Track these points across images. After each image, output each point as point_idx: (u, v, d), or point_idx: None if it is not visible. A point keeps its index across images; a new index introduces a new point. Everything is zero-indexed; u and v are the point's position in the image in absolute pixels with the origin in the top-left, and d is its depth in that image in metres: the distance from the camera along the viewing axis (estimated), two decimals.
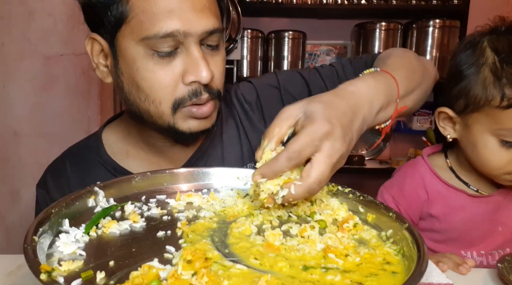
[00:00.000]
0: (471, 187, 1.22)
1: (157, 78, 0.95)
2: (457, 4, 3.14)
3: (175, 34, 0.91)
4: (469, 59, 1.12)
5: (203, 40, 0.96)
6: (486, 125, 1.09)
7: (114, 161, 1.12)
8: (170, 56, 0.95)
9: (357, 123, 0.82)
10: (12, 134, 2.51)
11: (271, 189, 0.74)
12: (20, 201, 2.54)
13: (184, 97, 0.97)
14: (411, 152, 3.45)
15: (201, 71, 0.94)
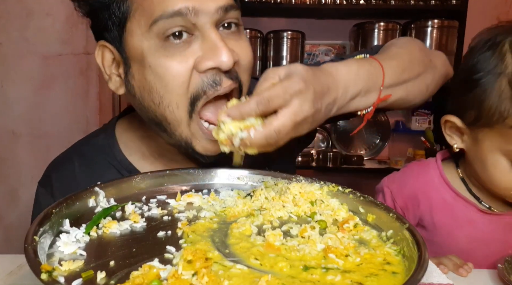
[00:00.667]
0: (483, 203, 1.10)
1: (170, 73, 0.85)
2: (455, 4, 3.14)
3: (184, 11, 0.82)
4: (486, 64, 0.97)
5: (219, 22, 0.86)
6: (497, 144, 0.97)
7: (130, 162, 1.04)
8: (185, 44, 0.85)
9: (327, 99, 0.81)
10: (10, 134, 2.51)
11: (231, 130, 0.73)
12: (18, 200, 2.54)
13: (201, 89, 0.86)
14: (410, 152, 3.46)
15: (220, 55, 0.83)
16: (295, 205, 0.82)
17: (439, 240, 1.12)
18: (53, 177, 1.08)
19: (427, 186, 1.14)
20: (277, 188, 0.90)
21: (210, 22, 0.84)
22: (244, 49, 0.91)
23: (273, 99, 0.72)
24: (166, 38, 0.84)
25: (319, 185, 0.90)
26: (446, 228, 1.11)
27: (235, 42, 0.89)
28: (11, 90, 2.47)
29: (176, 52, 0.85)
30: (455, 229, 1.10)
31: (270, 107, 0.72)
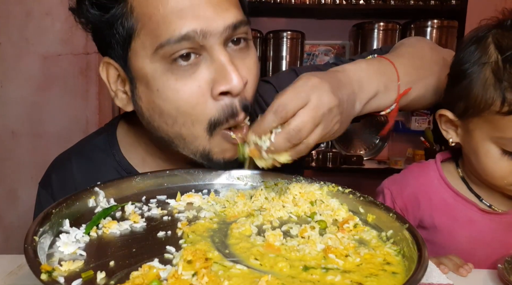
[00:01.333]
0: (484, 201, 1.10)
1: (182, 97, 0.82)
2: (455, 4, 3.14)
3: (192, 35, 0.78)
4: (471, 57, 0.99)
5: (227, 39, 0.83)
6: (486, 132, 0.98)
7: (131, 165, 1.03)
8: (192, 67, 0.81)
9: (346, 91, 0.80)
10: (10, 134, 2.51)
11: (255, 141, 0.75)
12: (18, 201, 2.54)
13: (220, 119, 0.83)
14: (409, 152, 3.46)
15: (231, 79, 0.80)
16: (295, 205, 0.83)
17: (440, 240, 1.12)
18: (52, 177, 1.07)
19: (427, 187, 1.14)
20: (277, 188, 0.90)
21: (218, 43, 0.81)
22: (251, 69, 0.88)
23: (289, 102, 0.72)
24: (173, 61, 0.81)
25: (319, 185, 0.90)
26: (446, 228, 1.11)
27: (241, 61, 0.85)
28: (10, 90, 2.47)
29: (185, 74, 0.82)
30: (456, 229, 1.10)
31: (289, 112, 0.72)
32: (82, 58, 2.47)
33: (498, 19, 1.02)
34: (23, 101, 2.49)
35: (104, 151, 1.05)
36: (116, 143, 1.05)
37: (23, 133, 2.51)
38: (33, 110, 2.50)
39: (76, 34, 2.39)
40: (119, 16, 0.83)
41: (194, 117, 0.84)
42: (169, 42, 0.79)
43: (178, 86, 0.82)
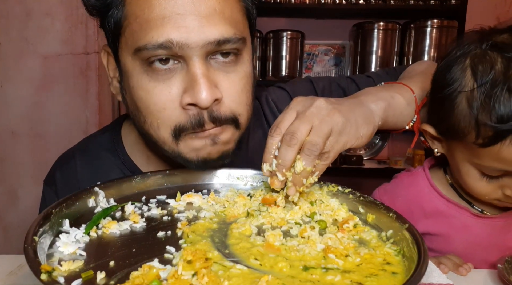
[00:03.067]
0: (475, 207, 1.09)
1: (152, 98, 0.83)
2: (455, 4, 3.14)
3: (168, 45, 0.78)
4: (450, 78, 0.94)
5: (212, 53, 0.82)
6: (466, 156, 0.97)
7: (134, 164, 1.03)
8: (168, 72, 0.81)
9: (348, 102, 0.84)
10: (10, 134, 2.51)
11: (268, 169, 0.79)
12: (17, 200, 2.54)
13: (186, 126, 0.84)
14: (409, 152, 3.46)
15: (198, 92, 0.79)
16: (295, 205, 0.82)
17: (436, 247, 1.11)
18: (57, 174, 1.07)
19: (418, 196, 1.13)
20: None
21: (197, 55, 0.80)
22: (233, 83, 0.85)
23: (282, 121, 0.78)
24: (150, 63, 0.81)
25: (319, 185, 0.90)
26: (442, 235, 1.11)
27: (224, 76, 0.84)
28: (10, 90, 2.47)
29: (159, 78, 0.82)
30: (452, 235, 1.10)
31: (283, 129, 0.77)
32: (82, 58, 2.47)
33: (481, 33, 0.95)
34: (23, 101, 2.49)
35: (108, 149, 1.05)
36: (121, 141, 1.05)
37: (23, 133, 2.51)
38: (33, 110, 2.50)
39: (76, 34, 2.39)
40: (113, 6, 0.83)
41: (161, 121, 0.84)
42: (146, 47, 0.79)
43: (150, 88, 0.82)
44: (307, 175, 0.76)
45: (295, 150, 0.75)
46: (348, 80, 1.16)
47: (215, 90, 0.81)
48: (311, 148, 0.74)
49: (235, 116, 0.87)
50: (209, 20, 0.79)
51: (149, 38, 0.78)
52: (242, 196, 0.87)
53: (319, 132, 0.75)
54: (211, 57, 0.83)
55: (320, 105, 0.78)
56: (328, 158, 0.77)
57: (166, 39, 0.77)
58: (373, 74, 1.19)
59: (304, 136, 0.75)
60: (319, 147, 0.74)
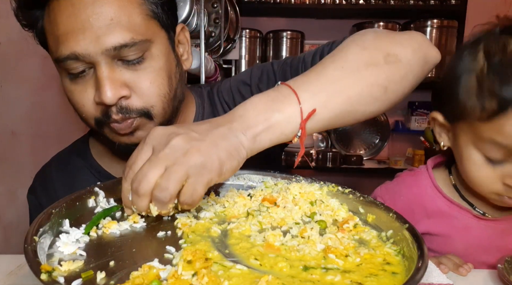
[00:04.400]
0: (477, 209, 1.09)
1: (74, 98, 0.95)
2: (455, 4, 3.14)
3: (73, 57, 0.88)
4: (462, 62, 0.98)
5: (117, 56, 0.90)
6: (470, 138, 0.98)
7: (99, 165, 1.13)
8: (84, 76, 0.92)
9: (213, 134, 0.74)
10: (10, 134, 2.50)
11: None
12: (17, 201, 2.53)
13: (101, 119, 0.94)
14: (409, 152, 3.46)
15: (102, 93, 0.89)
16: (295, 205, 0.82)
17: (436, 247, 1.12)
18: (36, 183, 1.18)
19: (420, 196, 1.13)
20: (277, 188, 0.90)
21: (100, 61, 0.89)
22: (141, 79, 0.93)
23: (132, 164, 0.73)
24: (68, 72, 0.92)
25: (319, 185, 0.90)
26: (443, 235, 1.11)
27: (131, 73, 0.92)
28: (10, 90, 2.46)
29: (78, 81, 0.93)
30: (452, 236, 1.10)
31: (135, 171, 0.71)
32: None
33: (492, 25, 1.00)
34: (23, 101, 2.48)
35: (78, 155, 1.17)
36: (88, 147, 1.17)
37: (23, 133, 2.51)
38: (33, 110, 2.50)
39: None
40: (39, 19, 0.95)
41: (85, 115, 0.96)
42: (59, 59, 0.90)
43: (72, 89, 0.94)
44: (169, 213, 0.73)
45: (146, 198, 0.70)
46: (286, 62, 1.13)
47: (120, 89, 0.90)
48: (160, 194, 0.68)
49: (146, 109, 0.95)
50: (105, 30, 0.87)
51: (59, 52, 0.89)
52: (242, 196, 0.87)
53: (170, 176, 0.68)
54: (118, 60, 0.91)
55: (176, 145, 0.70)
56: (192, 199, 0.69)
57: (70, 52, 0.88)
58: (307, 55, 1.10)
59: (152, 183, 0.68)
60: (169, 192, 0.67)
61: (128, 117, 0.93)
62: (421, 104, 3.47)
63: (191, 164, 0.68)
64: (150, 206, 0.70)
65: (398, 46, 0.91)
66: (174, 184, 0.67)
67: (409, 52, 0.90)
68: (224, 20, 2.57)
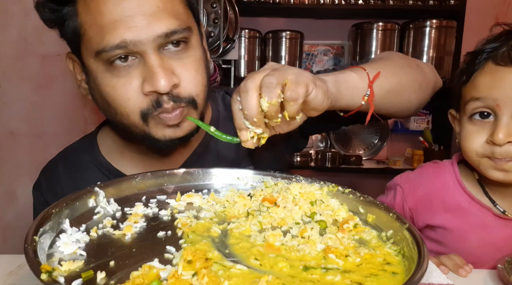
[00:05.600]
0: (498, 207, 1.10)
1: (117, 92, 0.92)
2: (453, 5, 3.14)
3: (123, 45, 0.87)
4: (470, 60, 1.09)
5: (163, 44, 0.91)
6: (463, 113, 1.08)
7: (108, 162, 1.11)
8: (128, 67, 0.90)
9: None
10: (9, 134, 2.50)
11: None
12: (16, 201, 2.53)
13: (149, 108, 0.92)
14: (408, 152, 3.46)
15: (157, 81, 0.88)
16: (295, 205, 0.82)
17: (450, 242, 1.12)
18: (42, 179, 1.16)
19: (442, 189, 1.14)
20: (277, 188, 0.90)
21: (150, 48, 0.89)
22: (187, 67, 0.94)
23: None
24: (111, 63, 0.90)
25: (319, 185, 0.90)
26: (458, 231, 1.11)
27: (178, 61, 0.93)
28: (9, 90, 2.46)
29: (121, 73, 0.91)
30: (467, 233, 1.10)
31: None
32: None
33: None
34: (22, 101, 2.48)
35: (86, 152, 1.14)
36: (96, 144, 1.15)
37: (22, 133, 2.51)
38: (32, 110, 2.50)
39: None
40: (68, 17, 0.92)
41: (128, 110, 0.93)
42: (105, 50, 0.88)
43: (114, 83, 0.92)
44: (277, 110, 0.77)
45: (254, 93, 0.77)
46: None
47: (172, 76, 0.91)
48: (267, 80, 0.76)
49: (193, 98, 0.95)
50: (155, 17, 0.88)
51: (106, 41, 0.87)
52: (242, 196, 0.87)
53: (274, 72, 0.78)
54: (164, 49, 0.92)
55: (272, 63, 0.84)
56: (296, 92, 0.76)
57: (121, 40, 0.86)
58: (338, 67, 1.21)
59: (258, 79, 0.78)
60: (275, 78, 0.76)
61: (178, 106, 0.93)
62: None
63: (289, 70, 0.79)
64: (260, 101, 0.76)
65: (421, 63, 1.16)
66: (278, 75, 0.77)
67: (429, 69, 1.16)
68: (223, 20, 2.57)
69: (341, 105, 0.92)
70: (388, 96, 1.00)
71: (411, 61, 1.13)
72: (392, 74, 1.02)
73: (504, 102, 0.98)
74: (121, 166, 1.11)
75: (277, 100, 0.75)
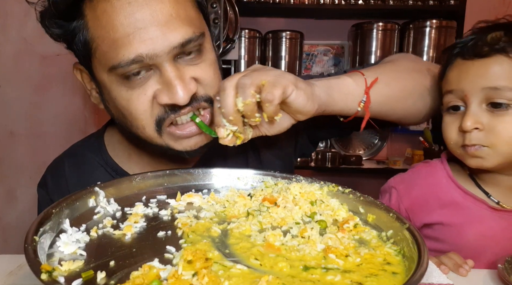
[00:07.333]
0: (492, 198, 1.11)
1: (133, 105, 0.90)
2: (453, 5, 3.14)
3: (139, 59, 0.84)
4: None
5: (177, 55, 0.88)
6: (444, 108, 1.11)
7: (115, 163, 1.10)
8: (143, 80, 0.88)
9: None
10: (9, 134, 2.50)
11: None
12: (16, 201, 2.53)
13: (163, 115, 0.91)
14: (408, 152, 3.46)
15: (176, 94, 0.86)
16: (295, 205, 0.82)
17: (449, 238, 1.14)
18: (47, 177, 1.15)
19: (436, 187, 1.16)
20: (277, 188, 0.90)
21: (166, 60, 0.86)
22: (205, 70, 0.93)
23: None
24: (125, 77, 0.87)
25: (319, 185, 0.90)
26: (455, 226, 1.13)
27: (195, 68, 0.91)
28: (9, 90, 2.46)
29: (136, 86, 0.88)
30: (464, 227, 1.12)
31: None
32: None
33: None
34: (22, 101, 2.48)
35: (92, 151, 1.13)
36: (103, 144, 1.13)
37: (22, 134, 2.51)
38: (31, 110, 2.50)
39: None
40: (77, 31, 0.89)
41: (144, 122, 0.91)
42: (120, 65, 0.84)
43: (129, 96, 0.89)
44: (253, 110, 0.79)
45: (231, 92, 0.79)
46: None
47: (190, 86, 0.88)
48: (242, 81, 0.77)
49: (209, 97, 0.94)
50: (169, 26, 0.85)
51: (120, 56, 0.84)
52: (242, 196, 0.87)
53: (251, 73, 0.79)
54: (179, 57, 0.89)
55: (254, 67, 0.84)
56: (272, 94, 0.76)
57: (136, 55, 0.83)
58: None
59: (236, 79, 0.79)
60: (250, 78, 0.77)
61: (194, 108, 0.92)
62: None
63: (269, 71, 0.80)
64: (236, 101, 0.78)
65: (432, 66, 1.14)
66: (255, 76, 0.78)
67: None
68: (223, 20, 2.57)
69: (334, 110, 0.92)
70: (388, 102, 1.00)
71: (421, 65, 1.12)
72: (395, 79, 1.01)
73: (471, 92, 1.03)
74: (128, 167, 1.10)
75: (251, 100, 0.77)
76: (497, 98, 1.00)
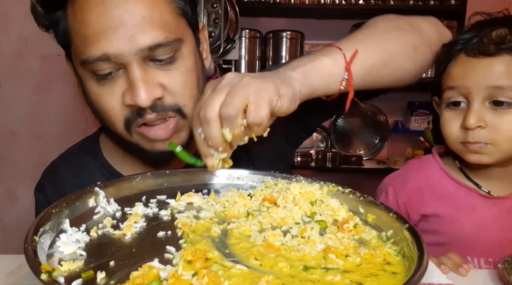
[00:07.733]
0: (483, 188, 1.15)
1: (101, 101, 0.91)
2: (454, 4, 3.14)
3: (105, 57, 0.85)
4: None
5: (147, 58, 0.88)
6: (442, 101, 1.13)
7: (111, 165, 1.11)
8: (111, 78, 0.89)
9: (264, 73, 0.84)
10: (9, 134, 2.51)
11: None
12: (16, 201, 2.54)
13: (129, 118, 0.92)
14: (409, 152, 3.46)
15: (137, 95, 0.87)
16: (295, 205, 0.82)
17: (445, 229, 1.16)
18: (45, 179, 1.15)
19: (429, 178, 1.20)
20: (277, 188, 0.90)
21: (133, 61, 0.86)
22: (173, 79, 0.92)
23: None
24: (95, 73, 0.89)
25: (319, 185, 0.90)
26: (450, 217, 1.16)
27: (164, 73, 0.91)
28: (10, 91, 2.47)
29: (105, 83, 0.90)
30: (459, 217, 1.15)
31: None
32: None
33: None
34: (23, 101, 2.49)
35: (89, 154, 1.14)
36: (98, 146, 1.14)
37: (23, 134, 2.51)
38: (32, 110, 2.50)
39: None
40: (59, 21, 0.91)
41: (113, 118, 0.93)
42: (88, 61, 0.87)
43: (99, 92, 0.91)
44: (242, 136, 0.78)
45: (215, 123, 0.77)
46: None
47: (154, 90, 0.88)
48: (227, 110, 0.75)
49: (179, 107, 0.93)
50: (139, 29, 0.85)
51: (88, 53, 0.86)
52: (242, 196, 0.87)
53: (233, 95, 0.76)
54: (149, 60, 0.89)
55: (231, 77, 0.81)
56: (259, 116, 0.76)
57: (102, 53, 0.85)
58: None
59: (217, 107, 0.76)
60: (235, 106, 0.75)
61: (161, 116, 0.92)
62: (420, 104, 3.47)
63: (249, 86, 0.76)
64: (223, 132, 0.76)
65: (418, 20, 1.09)
66: (238, 99, 0.75)
67: (428, 25, 1.09)
68: (223, 20, 2.57)
69: (317, 96, 0.90)
70: (373, 71, 0.96)
71: (402, 22, 1.06)
72: (375, 45, 0.97)
73: (475, 90, 1.04)
74: (122, 169, 1.11)
75: (240, 130, 0.76)
76: (501, 97, 1.01)
